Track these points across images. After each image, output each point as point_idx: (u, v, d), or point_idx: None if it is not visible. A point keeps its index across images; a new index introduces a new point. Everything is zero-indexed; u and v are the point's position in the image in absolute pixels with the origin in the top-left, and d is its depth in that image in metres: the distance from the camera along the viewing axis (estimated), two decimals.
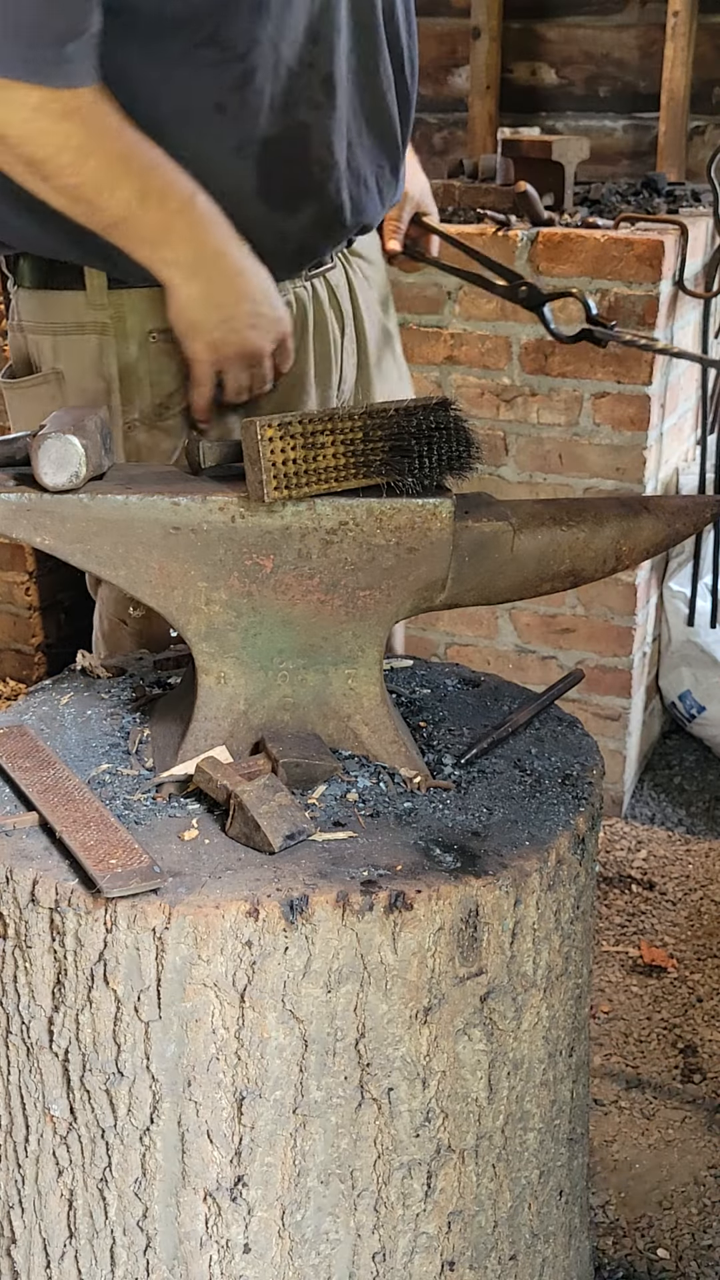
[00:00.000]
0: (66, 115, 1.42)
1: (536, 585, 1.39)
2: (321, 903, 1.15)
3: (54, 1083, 1.25)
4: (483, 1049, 1.25)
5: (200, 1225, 1.24)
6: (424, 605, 1.36)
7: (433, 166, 3.95)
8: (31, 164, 1.46)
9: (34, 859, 1.22)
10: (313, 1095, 1.20)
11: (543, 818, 1.31)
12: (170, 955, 1.15)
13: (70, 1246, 1.31)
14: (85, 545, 1.29)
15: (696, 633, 3.11)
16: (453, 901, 1.18)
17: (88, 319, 1.67)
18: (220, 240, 1.54)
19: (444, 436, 1.28)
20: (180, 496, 1.28)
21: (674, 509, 1.42)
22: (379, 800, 1.32)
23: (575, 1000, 1.36)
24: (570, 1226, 1.49)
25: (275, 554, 1.29)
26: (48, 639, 3.66)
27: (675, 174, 3.54)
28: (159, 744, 1.40)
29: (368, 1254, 1.27)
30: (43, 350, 1.72)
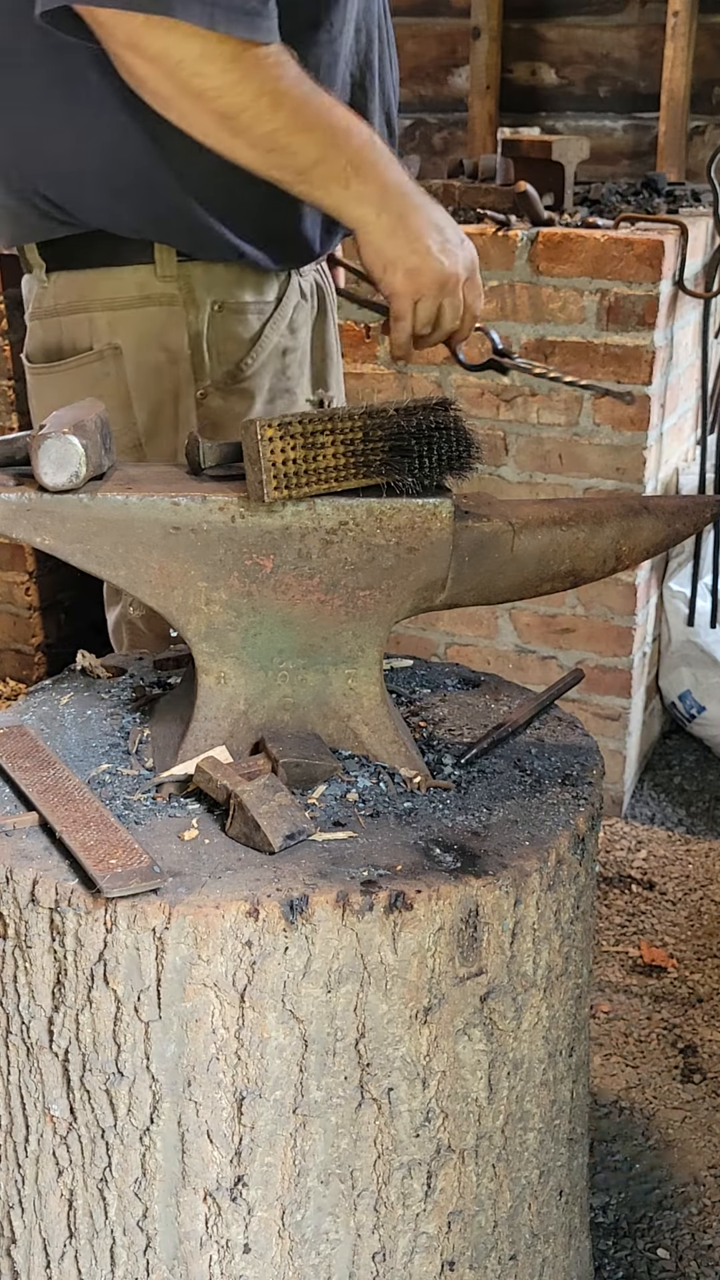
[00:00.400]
0: (261, 66, 1.49)
1: (536, 585, 1.39)
2: (321, 903, 1.15)
3: (54, 1083, 1.25)
4: (483, 1049, 1.25)
5: (200, 1225, 1.24)
6: (424, 605, 1.36)
7: (433, 166, 3.95)
8: (227, 116, 1.50)
9: (34, 859, 1.22)
10: (313, 1095, 1.20)
11: (543, 818, 1.31)
12: (170, 955, 1.15)
13: (70, 1246, 1.31)
14: (85, 545, 1.29)
15: (696, 633, 3.11)
16: (453, 901, 1.18)
17: (155, 291, 1.73)
18: (400, 175, 1.60)
19: (444, 436, 1.28)
20: (180, 496, 1.28)
21: (674, 509, 1.42)
22: (379, 800, 1.32)
23: (575, 1000, 1.36)
24: (570, 1226, 1.49)
25: (275, 554, 1.29)
26: (48, 639, 3.66)
27: (675, 174, 3.54)
28: (159, 744, 1.40)
29: (368, 1254, 1.27)
30: (95, 327, 1.76)
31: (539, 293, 2.80)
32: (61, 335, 1.79)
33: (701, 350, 3.11)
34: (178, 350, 1.75)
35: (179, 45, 1.45)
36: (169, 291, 1.73)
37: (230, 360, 1.78)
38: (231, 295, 1.76)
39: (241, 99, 1.49)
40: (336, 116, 1.55)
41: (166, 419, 1.79)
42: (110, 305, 1.75)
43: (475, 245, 1.75)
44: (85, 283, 1.75)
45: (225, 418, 1.78)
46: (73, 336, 1.78)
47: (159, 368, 1.76)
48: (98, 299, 1.75)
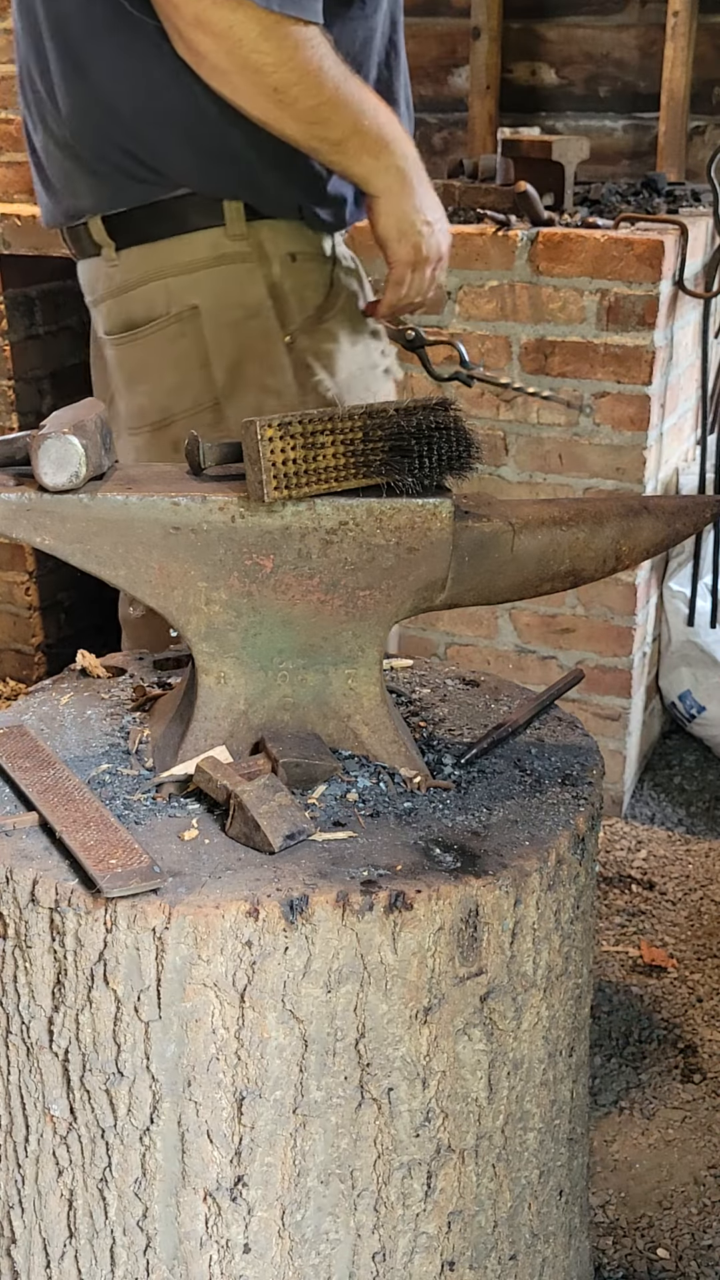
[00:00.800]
0: (310, 45, 1.65)
1: (536, 585, 1.39)
2: (321, 903, 1.15)
3: (54, 1083, 1.25)
4: (483, 1049, 1.25)
5: (200, 1225, 1.24)
6: (424, 605, 1.36)
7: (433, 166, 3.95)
8: (278, 90, 1.66)
9: (34, 859, 1.22)
10: (313, 1095, 1.20)
11: (543, 818, 1.31)
12: (170, 955, 1.15)
13: (70, 1246, 1.31)
14: (85, 545, 1.29)
15: (696, 633, 3.11)
16: (453, 901, 1.18)
17: (227, 250, 1.84)
18: (415, 154, 1.78)
19: (444, 436, 1.28)
20: (180, 496, 1.28)
21: (674, 509, 1.42)
22: (379, 800, 1.32)
23: (575, 1000, 1.36)
24: (570, 1226, 1.49)
25: (275, 554, 1.29)
26: (48, 639, 3.66)
27: (675, 174, 3.54)
28: (159, 744, 1.40)
29: (368, 1254, 1.27)
30: (170, 292, 1.85)
31: (539, 293, 2.80)
32: (135, 307, 1.87)
33: (701, 350, 3.11)
34: (257, 304, 1.85)
35: (242, 24, 1.60)
36: (241, 249, 1.83)
37: (310, 306, 1.89)
38: (298, 247, 1.87)
39: (293, 75, 1.65)
40: (366, 94, 1.72)
41: (248, 375, 1.86)
42: (185, 269, 1.84)
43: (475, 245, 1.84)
44: (158, 253, 1.84)
45: (317, 358, 1.90)
46: (148, 306, 1.86)
47: (237, 324, 1.84)
48: (171, 265, 1.84)
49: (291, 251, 1.86)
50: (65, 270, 3.49)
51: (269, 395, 1.87)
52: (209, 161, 1.78)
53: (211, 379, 1.87)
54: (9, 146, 3.38)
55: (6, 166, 3.39)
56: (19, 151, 3.36)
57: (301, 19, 1.62)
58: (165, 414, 1.90)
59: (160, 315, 1.86)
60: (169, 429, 1.90)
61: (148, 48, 1.70)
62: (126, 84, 1.74)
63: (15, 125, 3.35)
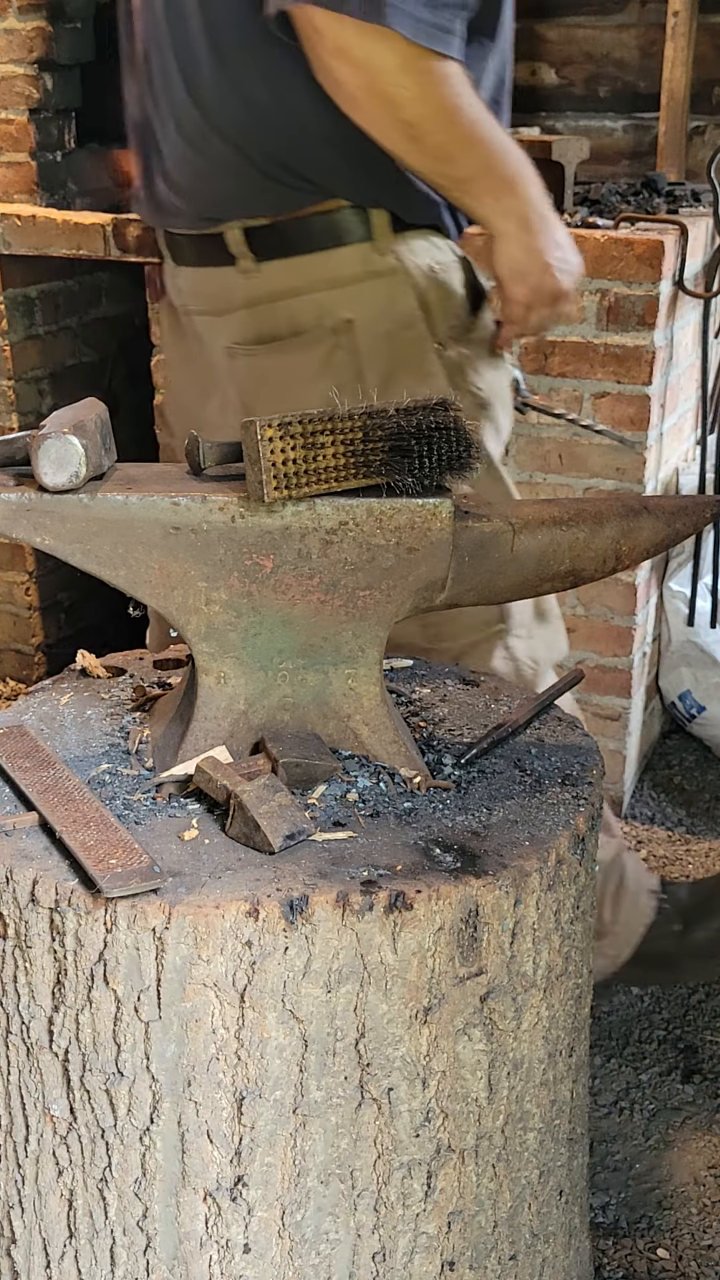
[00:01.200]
0: (449, 81, 1.64)
1: (536, 585, 1.39)
2: (321, 903, 1.15)
3: (54, 1083, 1.25)
4: (483, 1049, 1.25)
5: (200, 1225, 1.24)
6: (424, 605, 1.36)
7: None
8: (411, 124, 1.65)
9: (34, 859, 1.22)
10: (313, 1095, 1.20)
11: (543, 818, 1.31)
12: (170, 955, 1.15)
13: (70, 1246, 1.31)
14: (85, 545, 1.29)
15: (696, 633, 3.11)
16: (453, 901, 1.18)
17: (377, 265, 1.84)
18: (540, 194, 1.78)
19: (444, 436, 1.28)
20: (180, 496, 1.28)
21: (674, 509, 1.42)
22: (379, 800, 1.32)
23: (575, 1000, 1.36)
24: (570, 1226, 1.49)
25: (275, 554, 1.29)
26: (48, 639, 3.66)
27: (675, 174, 3.54)
28: (159, 744, 1.40)
29: (368, 1254, 1.27)
30: (322, 306, 1.85)
31: None
32: (278, 320, 1.87)
33: (701, 350, 3.11)
34: (408, 315, 1.85)
35: (383, 55, 1.60)
36: (389, 264, 1.84)
37: (454, 315, 1.89)
38: (436, 259, 1.88)
39: (427, 110, 1.64)
40: (498, 135, 1.72)
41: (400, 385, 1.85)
42: (336, 283, 1.84)
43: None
44: (305, 267, 1.84)
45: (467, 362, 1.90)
46: (295, 318, 1.86)
47: (391, 335, 1.85)
48: (322, 279, 1.84)
49: (434, 262, 1.87)
50: (65, 270, 3.50)
51: None
52: (357, 171, 1.77)
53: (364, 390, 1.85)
54: (9, 146, 3.38)
55: (6, 166, 3.39)
56: (19, 151, 3.37)
57: (445, 55, 1.61)
58: None
59: (310, 328, 1.86)
60: None
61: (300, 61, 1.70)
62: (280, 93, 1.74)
63: (16, 125, 3.35)
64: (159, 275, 3.21)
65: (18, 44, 3.28)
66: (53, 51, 3.29)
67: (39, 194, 3.39)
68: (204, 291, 1.96)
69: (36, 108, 3.33)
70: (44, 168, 3.40)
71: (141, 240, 3.19)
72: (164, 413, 2.51)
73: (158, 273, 3.21)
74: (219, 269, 1.90)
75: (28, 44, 3.27)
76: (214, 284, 1.93)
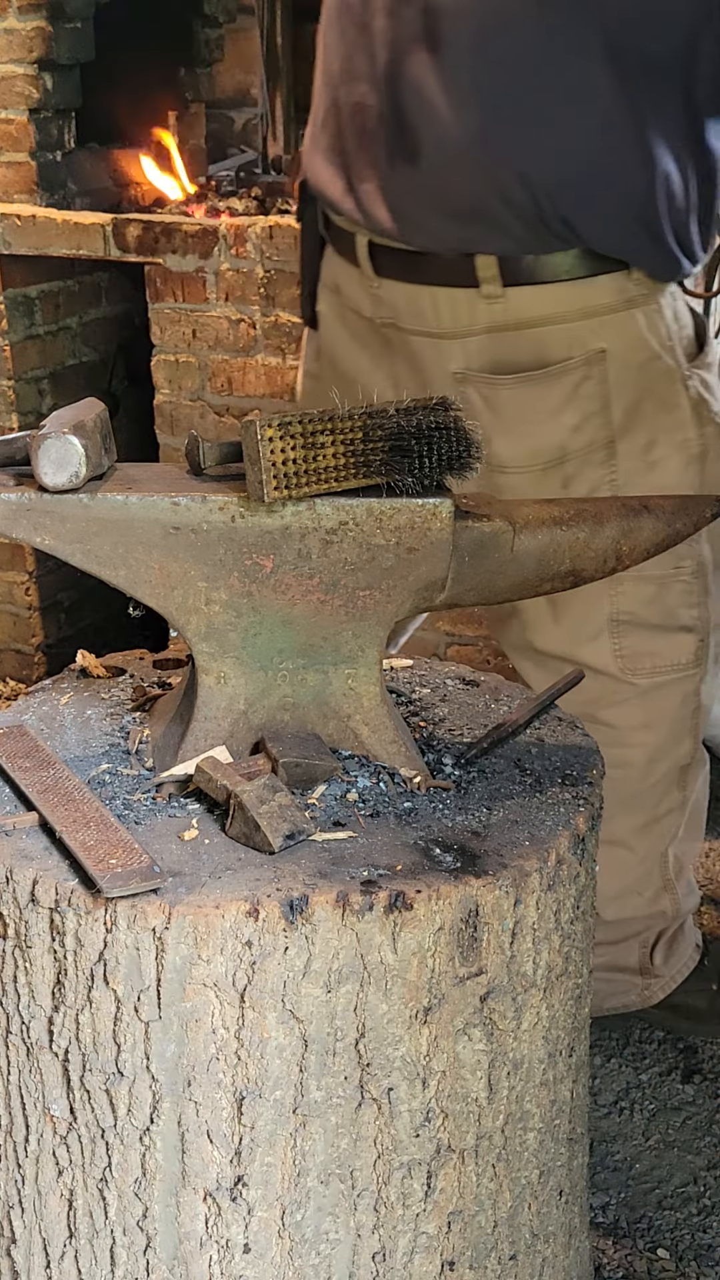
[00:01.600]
0: None
1: (536, 585, 1.39)
2: (321, 903, 1.15)
3: (54, 1083, 1.25)
4: (483, 1049, 1.25)
5: (200, 1225, 1.24)
6: (424, 605, 1.36)
7: None
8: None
9: (34, 859, 1.22)
10: (313, 1095, 1.20)
11: (543, 818, 1.31)
12: (170, 955, 1.15)
13: (70, 1246, 1.31)
14: (85, 545, 1.29)
15: None
16: (453, 901, 1.18)
17: (634, 294, 1.83)
18: None
19: (444, 436, 1.28)
20: (180, 496, 1.28)
21: (674, 508, 1.42)
22: (379, 800, 1.32)
23: (575, 1000, 1.36)
24: (570, 1226, 1.49)
25: (275, 554, 1.29)
26: (48, 639, 3.67)
27: None
28: (159, 744, 1.40)
29: (368, 1254, 1.27)
30: (575, 336, 1.82)
31: None
32: (521, 348, 1.83)
33: None
34: (660, 345, 1.84)
35: None
36: (644, 292, 1.82)
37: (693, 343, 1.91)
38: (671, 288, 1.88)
39: None
40: None
41: (644, 413, 1.86)
42: (592, 313, 1.81)
43: None
44: (557, 296, 1.80)
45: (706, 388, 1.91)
46: (543, 347, 1.82)
47: (641, 365, 1.84)
48: (575, 309, 1.80)
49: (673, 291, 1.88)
50: (65, 270, 3.51)
51: (663, 431, 1.87)
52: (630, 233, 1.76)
53: (609, 419, 1.85)
54: (9, 146, 3.38)
55: (6, 166, 3.40)
56: (19, 151, 3.37)
57: None
58: (561, 453, 1.87)
59: (560, 359, 1.82)
60: (561, 468, 1.88)
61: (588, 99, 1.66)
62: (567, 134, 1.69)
63: (15, 125, 3.35)
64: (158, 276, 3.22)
65: (18, 44, 3.28)
66: (53, 51, 3.29)
67: (39, 194, 3.40)
68: (427, 311, 1.87)
69: (36, 108, 3.34)
70: (44, 168, 3.40)
71: (141, 240, 3.19)
72: None
73: (157, 273, 3.22)
74: (455, 290, 1.82)
75: (28, 44, 3.28)
76: (445, 305, 1.85)
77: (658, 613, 1.95)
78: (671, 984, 2.25)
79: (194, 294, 3.21)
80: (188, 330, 3.25)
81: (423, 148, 1.77)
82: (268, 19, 3.64)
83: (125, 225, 3.19)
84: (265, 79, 3.70)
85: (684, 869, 2.17)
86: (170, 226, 3.18)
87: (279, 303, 3.13)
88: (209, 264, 3.16)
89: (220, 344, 3.23)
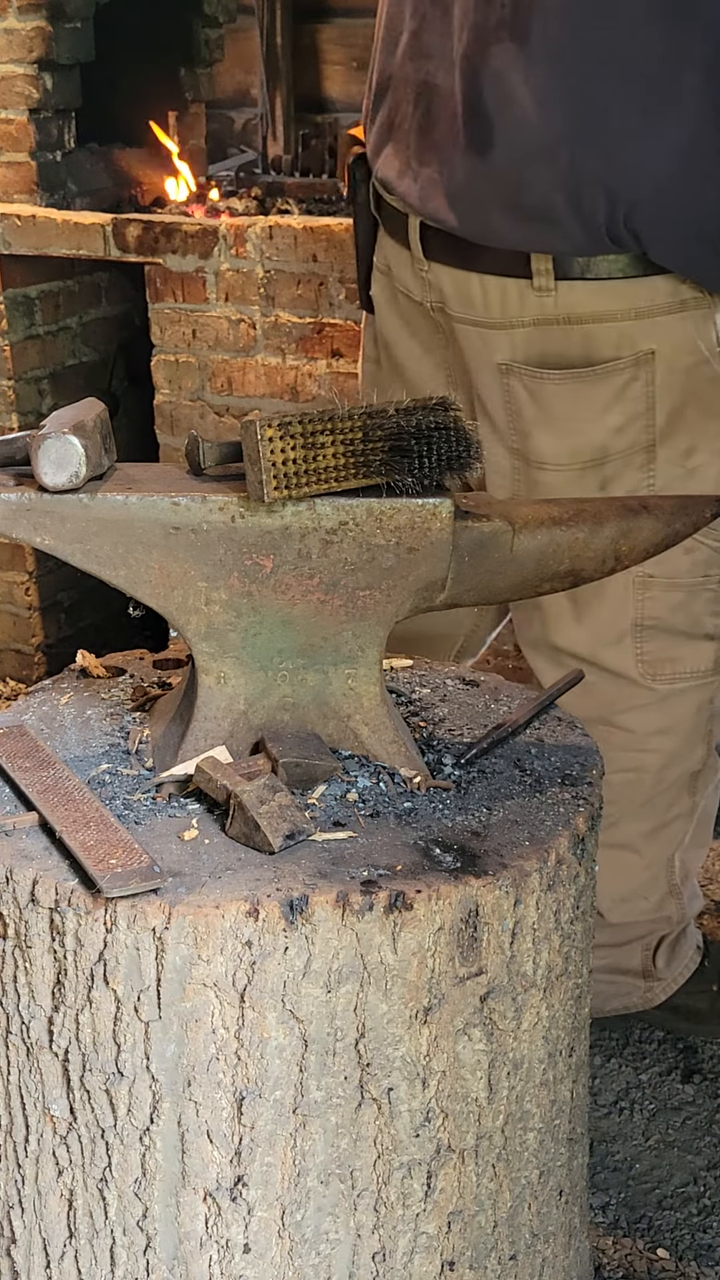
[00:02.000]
0: None
1: (536, 585, 1.39)
2: (321, 903, 1.15)
3: (54, 1083, 1.25)
4: (483, 1049, 1.25)
5: (200, 1225, 1.24)
6: (424, 605, 1.36)
7: None
8: None
9: (34, 859, 1.22)
10: (313, 1095, 1.20)
11: (543, 818, 1.31)
12: (170, 955, 1.15)
13: (70, 1246, 1.31)
14: (85, 545, 1.29)
15: None
16: (453, 901, 1.18)
17: (687, 296, 1.78)
18: None
19: (444, 436, 1.28)
20: (180, 496, 1.28)
21: (673, 509, 1.42)
22: (379, 800, 1.32)
23: (575, 1000, 1.36)
24: (570, 1226, 1.49)
25: (275, 554, 1.29)
26: (48, 639, 3.66)
27: None
28: (159, 744, 1.40)
29: (368, 1254, 1.27)
30: (625, 335, 1.79)
31: None
32: (570, 344, 1.80)
33: None
34: (710, 349, 1.80)
35: None
36: (697, 294, 1.78)
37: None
38: None
39: None
40: None
41: (688, 418, 1.83)
42: (644, 313, 1.78)
43: None
44: (610, 293, 1.77)
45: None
46: (591, 344, 1.79)
47: (689, 369, 1.80)
48: (627, 308, 1.77)
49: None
50: (65, 270, 3.51)
51: (704, 438, 1.85)
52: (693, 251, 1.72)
53: (652, 422, 1.82)
54: (9, 146, 3.38)
55: (6, 166, 3.40)
56: (19, 151, 3.37)
57: None
58: (602, 453, 1.84)
59: (609, 358, 1.79)
60: (601, 468, 1.85)
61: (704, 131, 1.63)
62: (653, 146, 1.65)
63: (15, 125, 3.35)
64: (158, 276, 3.22)
65: (18, 44, 3.28)
66: (53, 51, 3.29)
67: (39, 194, 3.39)
68: (475, 299, 1.83)
69: (36, 108, 3.33)
70: (44, 168, 3.40)
71: (141, 240, 3.19)
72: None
73: (157, 273, 3.22)
74: (506, 279, 1.79)
75: (28, 44, 3.28)
76: (495, 294, 1.81)
77: (684, 619, 1.94)
78: (673, 986, 2.25)
79: (194, 294, 3.21)
80: (188, 330, 3.25)
81: (497, 141, 1.71)
82: (268, 19, 3.65)
83: (125, 225, 3.19)
84: (265, 79, 3.70)
85: (689, 874, 2.17)
86: (170, 226, 3.18)
87: (279, 303, 3.13)
88: (209, 264, 3.16)
89: (220, 344, 3.23)
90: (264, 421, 1.23)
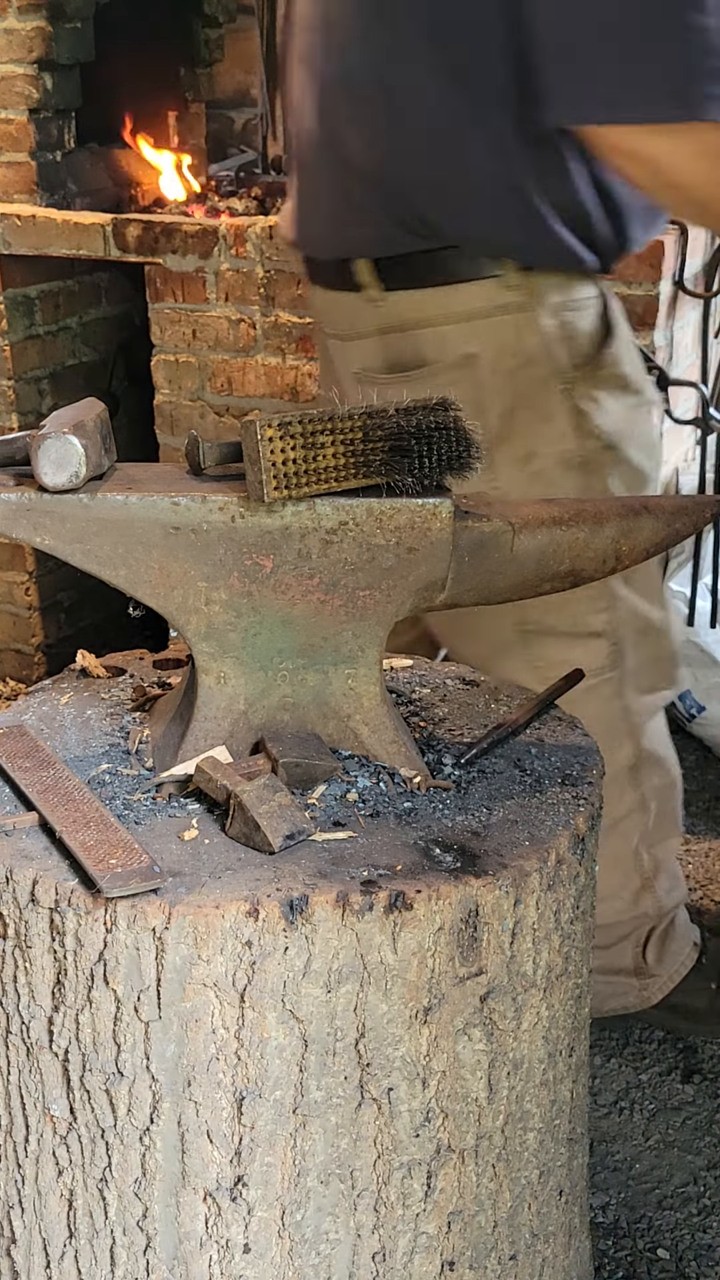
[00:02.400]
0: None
1: (536, 585, 1.39)
2: (321, 903, 1.15)
3: (54, 1083, 1.25)
4: (483, 1049, 1.25)
5: (200, 1225, 1.24)
6: (424, 605, 1.36)
7: None
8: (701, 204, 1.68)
9: (34, 859, 1.22)
10: (313, 1095, 1.20)
11: (543, 818, 1.31)
12: (170, 955, 1.15)
13: (70, 1246, 1.31)
14: (85, 545, 1.29)
15: (696, 633, 3.11)
16: (453, 901, 1.18)
17: (504, 300, 1.83)
18: None
19: (444, 436, 1.28)
20: (180, 496, 1.28)
21: (674, 509, 1.42)
22: (379, 800, 1.32)
23: (575, 1000, 1.36)
24: (570, 1226, 1.49)
25: (275, 554, 1.29)
26: (48, 639, 3.66)
27: None
28: (159, 744, 1.40)
29: (368, 1254, 1.27)
30: (446, 339, 1.85)
31: None
32: (403, 350, 1.87)
33: (701, 350, 3.11)
34: (532, 352, 1.84)
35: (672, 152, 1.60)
36: (517, 299, 1.83)
37: (583, 351, 1.88)
38: (570, 294, 1.87)
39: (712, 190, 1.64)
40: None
41: (520, 422, 1.87)
42: (461, 317, 1.83)
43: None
44: (431, 299, 1.84)
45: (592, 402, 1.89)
46: (419, 350, 1.86)
47: (513, 372, 1.85)
48: (446, 313, 1.83)
49: (565, 299, 1.86)
50: (65, 270, 3.51)
51: (542, 442, 1.88)
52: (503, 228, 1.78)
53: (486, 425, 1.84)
54: (9, 146, 3.38)
55: (6, 166, 3.40)
56: (19, 151, 3.37)
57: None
58: None
59: (433, 361, 1.86)
60: None
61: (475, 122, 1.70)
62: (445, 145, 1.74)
63: (15, 125, 3.35)
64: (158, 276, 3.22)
65: (18, 44, 3.28)
66: (53, 51, 3.29)
67: (39, 194, 3.40)
68: (335, 315, 1.97)
69: (36, 108, 3.34)
70: (44, 168, 3.40)
71: (141, 240, 3.19)
72: None
73: (157, 273, 3.22)
74: (348, 294, 1.90)
75: (27, 44, 3.28)
76: (344, 308, 1.93)
77: (565, 620, 1.96)
78: (669, 983, 2.25)
79: (194, 294, 3.21)
80: (188, 330, 3.25)
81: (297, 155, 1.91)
82: (268, 19, 3.64)
83: (125, 225, 3.19)
84: (265, 79, 3.70)
85: (661, 866, 2.17)
86: (170, 226, 3.18)
87: (279, 303, 3.13)
88: (209, 264, 3.16)
89: (220, 344, 3.23)
90: (264, 421, 1.23)
